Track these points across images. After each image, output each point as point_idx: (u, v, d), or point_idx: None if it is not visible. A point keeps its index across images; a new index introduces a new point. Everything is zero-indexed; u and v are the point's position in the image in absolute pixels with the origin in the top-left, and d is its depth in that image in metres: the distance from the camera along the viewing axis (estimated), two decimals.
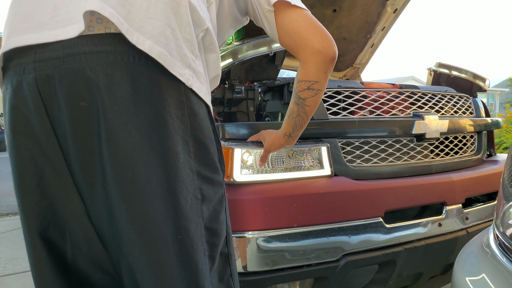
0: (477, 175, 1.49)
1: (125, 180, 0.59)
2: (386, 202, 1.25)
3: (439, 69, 1.97)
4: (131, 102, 0.59)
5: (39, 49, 0.61)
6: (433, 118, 1.44)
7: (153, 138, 0.59)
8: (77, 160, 0.61)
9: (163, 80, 0.61)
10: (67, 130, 0.60)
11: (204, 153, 0.65)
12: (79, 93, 0.59)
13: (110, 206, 0.60)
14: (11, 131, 0.63)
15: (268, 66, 1.35)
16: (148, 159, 0.59)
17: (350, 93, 1.38)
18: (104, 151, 0.59)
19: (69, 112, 0.59)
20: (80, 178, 0.62)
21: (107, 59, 0.59)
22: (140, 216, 0.59)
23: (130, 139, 0.59)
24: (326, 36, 0.81)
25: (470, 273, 0.77)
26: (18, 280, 2.20)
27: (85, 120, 0.59)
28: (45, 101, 0.60)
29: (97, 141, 0.59)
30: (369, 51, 2.71)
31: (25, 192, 0.64)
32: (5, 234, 3.20)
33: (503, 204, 0.78)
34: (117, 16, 0.59)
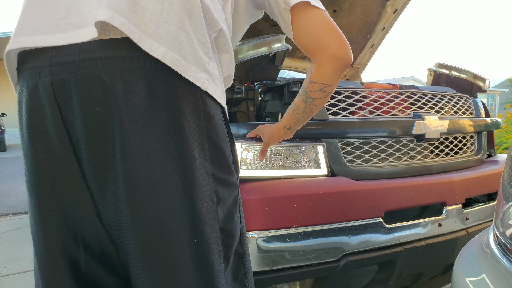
0: (477, 176, 1.50)
1: (141, 185, 0.59)
2: (386, 202, 1.25)
3: (439, 70, 1.97)
4: (148, 108, 0.59)
5: (55, 52, 0.60)
6: (433, 119, 1.44)
7: (170, 144, 0.60)
8: (90, 165, 0.61)
9: (179, 85, 0.61)
10: (80, 134, 0.60)
11: (219, 155, 0.65)
12: (95, 99, 0.59)
13: (122, 211, 0.60)
14: (28, 134, 0.63)
15: (268, 66, 1.35)
16: (165, 164, 0.59)
17: (350, 94, 1.38)
18: (118, 157, 0.59)
19: (84, 117, 0.59)
20: (93, 183, 0.62)
21: (123, 64, 0.59)
22: (156, 221, 0.59)
23: (147, 145, 0.59)
24: (344, 42, 0.81)
25: (470, 274, 0.77)
26: (18, 280, 2.20)
27: (100, 125, 0.59)
28: (60, 105, 0.60)
29: (111, 146, 0.59)
30: (369, 51, 2.71)
31: (39, 195, 0.64)
32: (5, 234, 3.20)
33: (503, 205, 0.78)
34: (129, 25, 0.58)
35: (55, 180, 0.63)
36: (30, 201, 0.65)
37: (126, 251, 0.62)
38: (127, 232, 0.61)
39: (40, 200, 0.63)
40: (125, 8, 0.59)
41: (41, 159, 0.62)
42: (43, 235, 0.64)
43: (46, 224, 0.64)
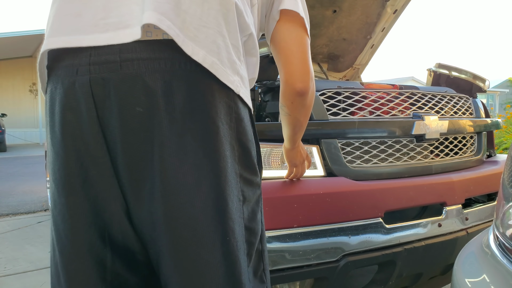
0: (477, 176, 1.50)
1: (178, 185, 0.60)
2: (386, 203, 1.25)
3: (439, 70, 1.97)
4: (187, 109, 0.60)
5: (94, 51, 0.61)
6: (433, 119, 1.44)
7: (207, 145, 0.61)
8: (125, 164, 0.61)
9: (215, 87, 0.63)
10: (117, 133, 0.61)
11: (246, 156, 0.67)
12: (136, 99, 0.59)
13: (157, 210, 0.61)
14: (61, 132, 0.63)
15: (268, 66, 1.36)
16: (202, 164, 0.61)
17: (350, 94, 1.38)
18: (156, 156, 0.60)
19: (122, 116, 0.60)
20: (127, 181, 0.62)
21: (165, 66, 0.60)
22: (192, 220, 0.61)
23: (185, 146, 0.60)
24: (302, 71, 0.79)
25: (470, 274, 0.77)
26: (19, 280, 2.21)
27: (139, 125, 0.60)
28: (97, 104, 0.60)
29: (149, 146, 0.60)
30: (369, 51, 2.71)
31: (69, 193, 0.64)
32: (5, 235, 3.20)
33: (503, 205, 0.78)
34: (174, 28, 0.59)
35: (86, 178, 0.63)
36: (58, 199, 0.65)
37: (158, 249, 0.63)
38: (161, 230, 0.61)
39: (70, 198, 0.64)
40: (170, 11, 0.60)
41: (74, 157, 0.63)
42: (71, 233, 0.64)
43: (75, 222, 0.64)
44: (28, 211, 4.10)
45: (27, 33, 13.14)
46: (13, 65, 16.62)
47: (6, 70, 16.49)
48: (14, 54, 15.79)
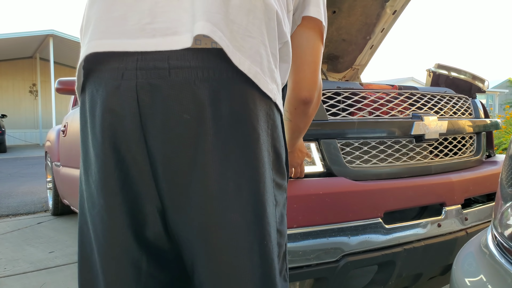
0: (476, 176, 1.50)
1: (220, 191, 0.61)
2: (386, 203, 1.25)
3: (438, 70, 1.98)
4: (232, 117, 0.62)
5: (141, 56, 0.61)
6: (432, 119, 1.44)
7: (249, 152, 0.63)
8: (166, 168, 0.62)
9: (257, 96, 0.64)
10: (160, 139, 0.61)
11: (278, 161, 0.69)
12: (184, 106, 0.60)
13: (198, 214, 0.62)
14: (102, 134, 0.63)
15: None
16: (243, 171, 0.62)
17: (350, 94, 1.39)
18: (199, 162, 0.61)
19: (168, 123, 0.61)
20: (166, 185, 0.63)
21: (213, 75, 0.61)
22: (232, 225, 0.62)
23: (229, 153, 0.62)
24: (310, 80, 0.80)
25: (469, 274, 0.78)
26: (18, 281, 2.21)
27: (185, 131, 0.61)
28: (141, 109, 0.61)
29: (193, 152, 0.61)
30: (368, 52, 2.71)
31: (109, 195, 0.65)
32: (5, 236, 3.21)
33: (501, 205, 0.79)
34: (224, 39, 0.60)
35: (125, 180, 0.64)
36: (97, 200, 0.66)
37: (196, 251, 0.64)
38: (200, 234, 0.63)
39: (109, 199, 0.65)
40: (221, 21, 0.61)
41: (114, 160, 0.63)
42: (109, 235, 0.65)
43: (114, 224, 0.65)
44: (28, 212, 4.10)
45: (27, 34, 13.15)
46: (13, 66, 16.62)
47: (6, 71, 16.49)
48: (14, 55, 15.80)
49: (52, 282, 2.18)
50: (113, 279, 0.66)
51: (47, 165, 4.17)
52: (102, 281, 0.67)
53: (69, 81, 2.42)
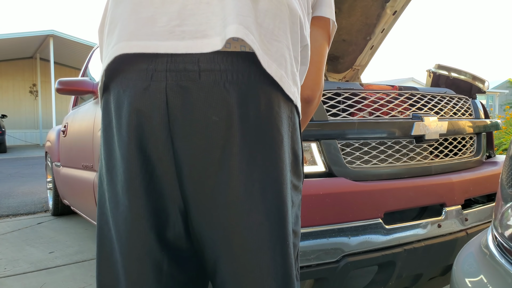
0: (476, 177, 1.50)
1: (245, 192, 0.63)
2: (386, 203, 1.25)
3: (439, 71, 1.98)
4: (260, 120, 0.63)
5: (171, 58, 0.62)
6: (433, 120, 1.44)
7: (274, 154, 0.65)
8: (193, 169, 0.63)
9: (281, 98, 0.66)
10: (188, 140, 0.62)
11: (296, 163, 0.70)
12: (213, 108, 0.61)
13: (222, 214, 0.64)
14: (128, 135, 0.64)
15: None
16: (268, 173, 0.64)
17: (350, 95, 1.39)
18: (226, 164, 0.62)
19: (196, 124, 0.61)
20: (191, 185, 0.64)
21: (242, 77, 0.62)
22: (257, 225, 0.64)
23: (256, 155, 0.63)
24: (314, 80, 0.81)
25: (469, 274, 0.78)
26: (19, 281, 2.21)
27: (213, 133, 0.61)
28: (170, 110, 0.62)
29: (220, 153, 0.62)
30: (368, 52, 2.72)
31: (133, 196, 0.65)
32: (5, 236, 3.21)
33: (501, 205, 0.79)
34: (256, 42, 0.61)
35: (150, 181, 0.65)
36: (122, 200, 0.66)
37: (219, 251, 0.65)
38: (224, 235, 0.64)
39: (134, 200, 0.65)
40: (252, 25, 0.62)
41: (140, 160, 0.64)
42: (133, 235, 0.66)
43: (137, 225, 0.66)
44: (28, 212, 4.10)
45: (27, 34, 13.16)
46: (13, 66, 16.63)
47: (6, 71, 16.50)
48: (14, 55, 15.81)
49: (52, 282, 2.18)
50: (136, 280, 0.67)
51: (47, 165, 4.17)
52: (123, 281, 0.68)
53: (69, 81, 2.42)
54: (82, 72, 3.37)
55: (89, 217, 2.64)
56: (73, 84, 2.41)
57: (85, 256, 2.61)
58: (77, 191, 2.69)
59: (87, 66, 3.24)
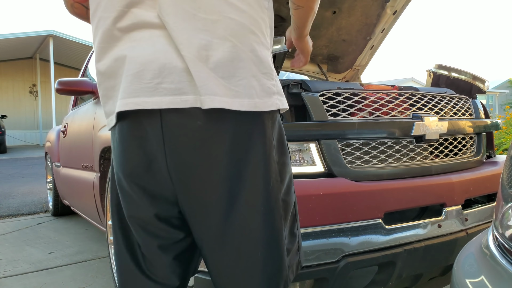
0: (476, 177, 1.50)
1: (260, 187, 0.75)
2: (386, 203, 1.25)
3: (439, 71, 1.98)
4: (250, 143, 0.75)
5: (165, 111, 0.76)
6: (433, 120, 1.44)
7: (264, 158, 0.75)
8: (184, 175, 0.74)
9: (265, 116, 0.77)
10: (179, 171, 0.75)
11: (282, 145, 0.81)
12: (206, 153, 0.74)
13: (241, 210, 0.74)
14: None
15: (283, 61, 1.36)
16: (260, 170, 0.75)
17: (350, 95, 1.39)
18: (240, 173, 0.73)
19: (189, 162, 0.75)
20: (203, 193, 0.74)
21: (229, 121, 0.75)
22: (251, 205, 0.75)
23: (251, 160, 0.75)
24: None
25: (470, 275, 0.78)
26: (19, 281, 2.21)
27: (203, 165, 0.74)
28: (166, 147, 0.75)
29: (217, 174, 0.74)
30: (368, 52, 2.72)
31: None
32: (5, 236, 3.21)
33: (502, 206, 0.79)
34: (226, 100, 0.72)
35: (151, 178, 0.76)
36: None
37: (207, 227, 0.75)
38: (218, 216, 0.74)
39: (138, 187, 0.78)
40: (220, 87, 0.72)
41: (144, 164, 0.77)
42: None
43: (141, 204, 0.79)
44: (28, 212, 4.10)
45: (27, 34, 13.16)
46: (13, 66, 16.63)
47: (6, 71, 16.50)
48: (14, 55, 15.81)
49: (52, 282, 2.18)
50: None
51: (47, 165, 4.17)
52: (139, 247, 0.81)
53: (69, 81, 2.42)
54: (82, 73, 3.37)
55: (89, 218, 2.64)
56: (73, 85, 2.41)
57: (85, 257, 2.61)
58: (77, 192, 2.69)
59: (87, 66, 3.24)
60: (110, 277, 2.20)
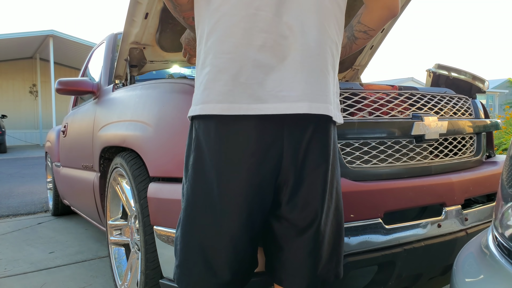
0: (476, 176, 1.50)
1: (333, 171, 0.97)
2: (386, 203, 1.25)
3: (438, 71, 1.98)
4: (333, 143, 0.98)
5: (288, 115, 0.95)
6: (432, 120, 1.44)
7: (334, 155, 0.98)
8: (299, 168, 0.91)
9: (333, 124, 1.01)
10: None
11: (337, 157, 1.02)
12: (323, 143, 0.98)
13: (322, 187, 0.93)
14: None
15: None
16: (335, 165, 0.98)
17: (350, 95, 1.39)
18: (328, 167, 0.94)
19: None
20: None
21: (323, 126, 0.97)
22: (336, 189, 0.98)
23: (333, 160, 0.97)
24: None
25: (469, 274, 0.78)
26: (19, 281, 2.21)
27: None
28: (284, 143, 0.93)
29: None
30: (368, 52, 2.72)
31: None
32: (5, 236, 3.21)
33: (501, 205, 0.79)
34: (332, 111, 0.97)
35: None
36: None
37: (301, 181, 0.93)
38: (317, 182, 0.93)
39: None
40: (328, 97, 0.97)
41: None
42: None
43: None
44: (28, 212, 4.10)
45: (27, 34, 13.15)
46: (13, 66, 16.63)
47: (6, 71, 16.50)
48: (14, 55, 15.81)
49: (52, 282, 2.18)
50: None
51: (47, 165, 4.17)
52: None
53: (69, 81, 2.42)
54: (82, 72, 3.37)
55: (89, 217, 2.64)
56: (73, 84, 2.41)
57: (85, 256, 2.61)
58: (77, 191, 2.69)
59: (87, 66, 3.24)
60: (110, 277, 2.20)
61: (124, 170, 1.65)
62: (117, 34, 2.66)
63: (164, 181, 1.43)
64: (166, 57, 2.08)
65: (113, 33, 2.70)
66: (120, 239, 1.90)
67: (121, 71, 2.07)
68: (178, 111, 1.38)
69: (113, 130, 1.85)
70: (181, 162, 1.32)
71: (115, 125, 1.83)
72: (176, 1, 0.97)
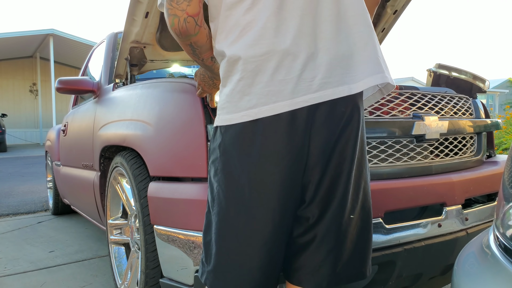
0: (476, 176, 1.50)
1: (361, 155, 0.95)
2: (386, 203, 1.25)
3: (439, 70, 1.98)
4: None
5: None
6: (433, 119, 1.44)
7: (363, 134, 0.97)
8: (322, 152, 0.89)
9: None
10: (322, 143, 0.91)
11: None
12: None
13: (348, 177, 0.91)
14: None
15: None
16: (364, 144, 0.96)
17: None
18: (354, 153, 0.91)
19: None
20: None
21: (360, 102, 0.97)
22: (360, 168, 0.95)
23: (362, 138, 0.96)
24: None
25: (470, 274, 0.78)
26: (19, 280, 2.21)
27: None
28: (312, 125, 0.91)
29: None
30: None
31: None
32: (5, 235, 3.21)
33: (503, 205, 0.78)
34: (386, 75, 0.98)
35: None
36: None
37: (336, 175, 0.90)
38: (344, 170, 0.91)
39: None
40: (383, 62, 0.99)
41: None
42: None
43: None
44: (29, 211, 4.10)
45: (27, 33, 13.15)
46: (13, 65, 16.63)
47: (6, 70, 16.50)
48: (14, 54, 15.81)
49: (52, 281, 2.18)
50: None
51: (47, 164, 4.17)
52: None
53: (69, 80, 2.42)
54: (82, 71, 3.37)
55: (89, 216, 2.64)
56: (73, 83, 2.41)
57: (85, 255, 2.61)
58: (77, 190, 2.69)
59: (87, 65, 3.24)
60: (110, 276, 2.20)
61: (124, 169, 1.65)
62: (118, 33, 2.66)
63: (164, 181, 1.43)
64: (166, 56, 2.08)
65: (113, 32, 2.70)
66: (120, 238, 1.90)
67: (121, 70, 2.07)
68: (178, 110, 1.38)
69: (113, 129, 1.84)
70: (181, 162, 1.32)
71: (116, 124, 1.83)
72: (195, 44, 0.94)
